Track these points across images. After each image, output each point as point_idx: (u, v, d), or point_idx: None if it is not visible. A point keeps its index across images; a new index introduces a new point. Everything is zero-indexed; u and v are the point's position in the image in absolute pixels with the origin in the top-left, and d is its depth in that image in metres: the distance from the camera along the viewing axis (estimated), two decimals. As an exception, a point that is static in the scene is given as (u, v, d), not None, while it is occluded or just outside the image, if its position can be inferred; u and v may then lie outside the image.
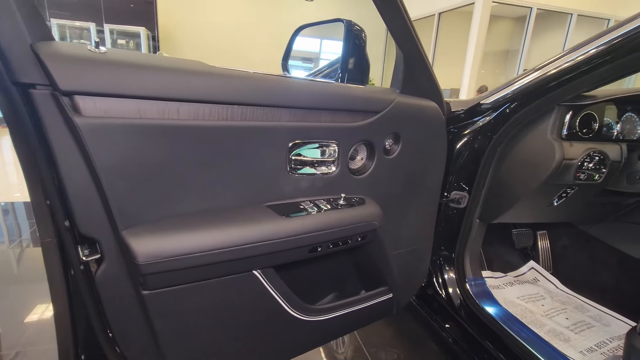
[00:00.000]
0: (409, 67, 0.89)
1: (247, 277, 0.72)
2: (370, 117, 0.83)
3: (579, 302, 1.40)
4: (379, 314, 1.09)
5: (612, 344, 1.16)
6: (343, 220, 0.80)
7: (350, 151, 0.84)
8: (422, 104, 0.92)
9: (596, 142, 1.09)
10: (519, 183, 1.16)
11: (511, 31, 7.62)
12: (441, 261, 1.33)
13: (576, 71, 0.91)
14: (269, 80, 0.70)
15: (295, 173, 0.78)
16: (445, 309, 1.30)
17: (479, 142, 1.15)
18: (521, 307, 1.33)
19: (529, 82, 1.02)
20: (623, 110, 1.16)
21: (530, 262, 1.60)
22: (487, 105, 1.12)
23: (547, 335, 1.18)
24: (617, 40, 0.81)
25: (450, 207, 1.24)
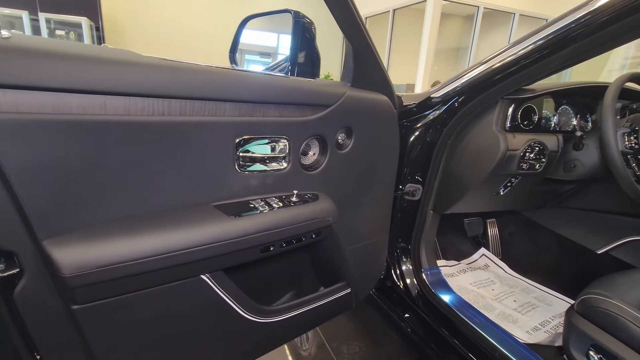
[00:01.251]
0: (358, 60, 0.88)
1: (195, 282, 0.67)
2: (321, 111, 0.81)
3: (525, 285, 1.49)
4: (338, 309, 1.08)
5: (554, 322, 1.24)
6: (296, 218, 0.77)
7: (302, 146, 0.82)
8: (373, 98, 0.92)
9: (536, 134, 1.15)
10: (468, 174, 1.20)
11: (461, 29, 7.97)
12: (398, 253, 1.35)
13: (517, 65, 0.95)
14: (211, 73, 0.66)
15: (245, 170, 0.75)
16: (404, 300, 1.32)
17: (431, 135, 1.17)
18: (474, 292, 1.39)
19: (474, 76, 1.05)
20: (559, 103, 1.24)
21: (481, 250, 1.68)
22: (437, 99, 1.14)
23: (497, 318, 1.24)
24: (552, 35, 0.85)
25: (405, 200, 1.26)
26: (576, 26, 0.80)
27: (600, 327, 0.89)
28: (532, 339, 1.14)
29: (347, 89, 0.86)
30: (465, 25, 7.77)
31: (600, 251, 1.38)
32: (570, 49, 0.84)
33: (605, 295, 0.91)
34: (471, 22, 7.07)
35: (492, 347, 1.02)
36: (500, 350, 1.00)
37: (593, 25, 0.77)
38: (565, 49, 0.84)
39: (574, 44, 0.82)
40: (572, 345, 0.95)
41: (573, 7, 0.81)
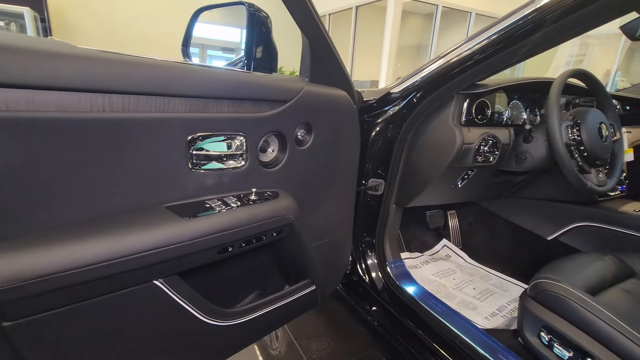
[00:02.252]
0: (316, 55, 0.87)
1: (146, 289, 0.64)
2: (278, 106, 0.79)
3: (483, 273, 1.56)
4: (304, 307, 1.07)
5: (510, 307, 1.30)
6: (255, 217, 0.75)
7: (260, 143, 0.80)
8: (332, 93, 0.91)
9: (489, 127, 1.20)
10: (428, 168, 1.23)
11: (422, 27, 8.18)
12: (363, 247, 1.36)
13: (470, 61, 0.98)
14: (158, 66, 0.62)
15: (199, 169, 0.71)
16: (370, 294, 1.34)
17: (391, 130, 1.19)
18: (436, 283, 1.43)
19: (431, 72, 1.07)
20: (510, 98, 1.29)
21: (443, 241, 1.74)
22: (396, 95, 1.16)
23: (458, 306, 1.29)
24: (502, 32, 0.89)
25: (368, 195, 1.27)
26: (524, 23, 0.84)
27: (550, 310, 0.94)
28: (490, 324, 1.19)
29: (305, 84, 0.84)
30: (425, 23, 7.99)
31: (550, 237, 1.46)
32: (519, 45, 0.88)
33: (554, 280, 0.96)
34: (431, 20, 7.28)
35: (453, 335, 1.06)
36: (460, 337, 1.04)
37: (539, 22, 0.82)
38: (515, 44, 0.88)
39: (522, 40, 0.86)
40: (526, 328, 1.00)
41: (520, 5, 0.84)
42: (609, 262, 1.09)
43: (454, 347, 1.04)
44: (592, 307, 0.87)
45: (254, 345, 1.40)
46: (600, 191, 1.17)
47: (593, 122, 1.13)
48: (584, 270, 1.03)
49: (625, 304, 0.93)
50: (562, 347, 0.91)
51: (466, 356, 1.00)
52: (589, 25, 0.80)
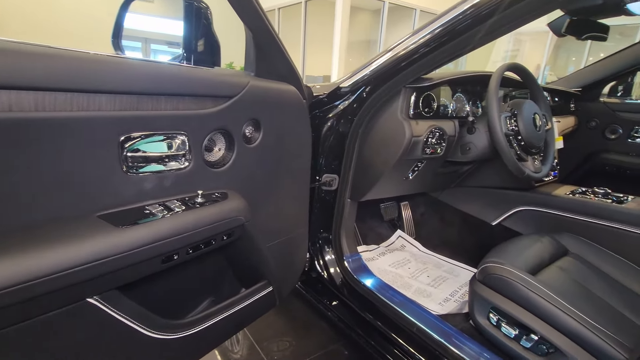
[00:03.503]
0: (260, 48, 0.83)
1: (79, 309, 0.57)
2: (223, 102, 0.75)
3: (436, 260, 1.62)
4: (262, 309, 1.04)
5: (462, 291, 1.37)
6: (202, 221, 0.71)
7: (205, 142, 0.75)
8: (280, 88, 0.88)
9: (436, 120, 1.24)
10: (380, 161, 1.24)
11: (371, 22, 8.35)
12: (320, 243, 1.35)
13: (416, 55, 1.00)
14: (78, 59, 0.55)
15: (136, 173, 0.65)
16: (329, 289, 1.34)
17: (342, 125, 1.19)
18: (392, 273, 1.47)
19: (379, 66, 1.08)
20: (454, 91, 1.35)
21: (397, 231, 1.78)
22: (346, 89, 1.15)
23: (414, 295, 1.33)
24: (443, 27, 0.92)
25: (323, 190, 1.26)
26: (463, 18, 0.87)
27: (497, 292, 0.99)
28: (444, 309, 1.24)
29: (251, 78, 0.80)
30: (374, 19, 8.16)
31: (494, 223, 1.55)
32: (459, 39, 0.92)
33: (500, 263, 1.02)
34: (379, 16, 7.45)
35: (410, 323, 1.08)
36: (417, 325, 1.07)
37: (476, 18, 0.85)
38: (455, 39, 0.92)
39: (462, 34, 0.90)
40: (476, 311, 1.05)
41: (459, 1, 0.87)
42: (546, 242, 1.18)
43: (412, 335, 1.07)
44: (534, 286, 0.93)
45: (215, 351, 1.35)
46: (537, 177, 1.26)
47: (528, 113, 1.21)
48: (525, 252, 1.11)
49: (561, 281, 1.01)
50: (509, 326, 0.97)
51: (423, 343, 1.03)
52: (520, 22, 0.85)
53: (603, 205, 1.30)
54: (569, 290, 0.97)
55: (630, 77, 2.04)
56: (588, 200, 1.34)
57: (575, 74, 2.07)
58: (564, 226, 1.35)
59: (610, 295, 0.99)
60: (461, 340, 1.01)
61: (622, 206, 1.27)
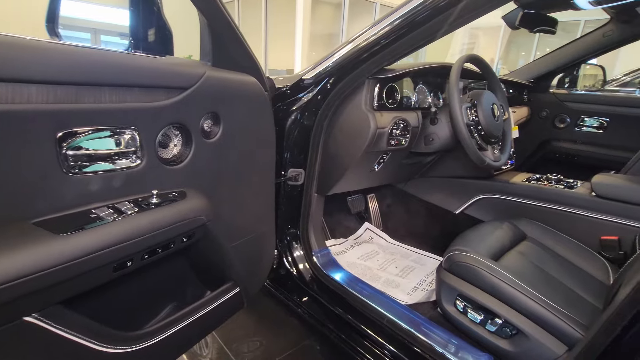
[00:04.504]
0: (216, 36, 0.78)
1: (16, 328, 0.51)
2: (176, 94, 0.69)
3: (404, 251, 1.65)
4: (229, 311, 1.00)
5: (429, 280, 1.39)
6: (158, 223, 0.65)
7: (158, 137, 0.69)
8: (240, 79, 0.83)
9: (399, 111, 1.24)
10: (345, 154, 1.23)
11: (332, 16, 8.34)
12: (288, 239, 1.33)
13: (377, 46, 0.99)
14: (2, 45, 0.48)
15: (79, 173, 0.59)
16: (299, 286, 1.31)
17: (307, 118, 1.16)
18: (361, 266, 1.47)
19: (342, 57, 1.06)
20: (416, 83, 1.36)
21: (365, 224, 1.79)
22: (309, 81, 1.13)
23: (382, 286, 1.34)
24: (404, 17, 0.92)
25: (289, 185, 1.23)
26: (422, 9, 0.88)
27: (463, 279, 1.02)
28: (412, 298, 1.25)
29: (207, 68, 0.75)
30: (336, 12, 8.16)
31: (457, 211, 1.60)
32: (419, 31, 0.92)
33: (464, 251, 1.04)
34: (340, 9, 7.45)
35: (380, 315, 1.09)
36: (387, 317, 1.07)
37: (434, 9, 0.86)
38: (415, 30, 0.92)
39: (421, 25, 0.91)
40: (443, 298, 1.08)
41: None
42: (506, 228, 1.23)
43: (382, 326, 1.07)
44: (497, 272, 0.95)
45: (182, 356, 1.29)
46: (496, 166, 1.30)
47: (487, 103, 1.24)
48: (487, 239, 1.14)
49: (521, 265, 1.05)
50: (475, 311, 0.99)
51: (393, 333, 1.04)
52: (477, 13, 0.87)
53: (556, 191, 1.37)
54: (528, 273, 1.01)
55: (575, 69, 2.17)
56: (542, 187, 1.41)
57: (527, 67, 2.17)
58: (521, 212, 1.42)
59: (565, 275, 1.05)
60: (430, 328, 1.03)
61: (573, 191, 1.35)
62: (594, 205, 1.28)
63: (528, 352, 0.89)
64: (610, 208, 1.24)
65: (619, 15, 1.66)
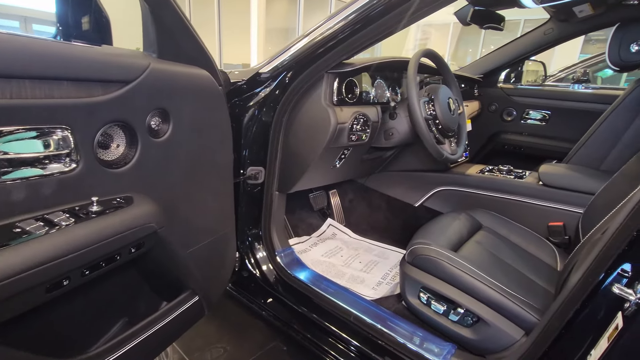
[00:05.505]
0: (160, 24, 0.71)
1: None
2: (116, 88, 0.62)
3: (367, 245, 1.65)
4: (189, 321, 0.94)
5: (392, 273, 1.41)
6: (100, 233, 0.58)
7: (97, 137, 0.62)
8: (190, 73, 0.77)
9: (359, 106, 1.23)
10: (306, 150, 1.20)
11: (287, 10, 8.23)
12: (250, 240, 1.28)
13: (334, 40, 0.97)
14: None
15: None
16: (263, 288, 1.27)
17: (265, 113, 1.11)
18: (326, 263, 1.45)
19: (299, 50, 1.02)
20: (374, 78, 1.35)
21: (328, 220, 1.78)
22: (266, 75, 1.08)
23: (348, 282, 1.33)
24: (359, 12, 0.91)
25: (249, 184, 1.18)
26: (377, 3, 0.87)
27: (426, 271, 1.03)
28: (377, 293, 1.26)
29: (152, 60, 0.68)
30: (291, 6, 8.06)
31: (417, 204, 1.63)
32: (374, 25, 0.92)
33: (425, 243, 1.05)
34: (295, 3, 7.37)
35: (347, 313, 1.08)
36: (354, 314, 1.06)
37: (388, 4, 0.86)
38: (370, 25, 0.92)
39: (376, 21, 0.90)
40: (407, 292, 1.09)
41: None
42: (463, 219, 1.27)
43: (348, 323, 1.06)
44: (457, 262, 0.98)
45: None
46: (453, 159, 1.34)
47: (444, 98, 1.27)
48: (446, 231, 1.17)
49: (479, 254, 1.09)
50: (437, 302, 1.01)
51: (360, 330, 1.04)
52: (430, 9, 0.88)
53: (507, 181, 1.44)
54: (486, 262, 1.05)
55: (519, 65, 2.30)
56: (495, 178, 1.47)
57: (477, 62, 2.26)
58: (477, 202, 1.47)
59: (519, 262, 1.10)
60: (395, 322, 1.03)
61: (522, 181, 1.43)
62: (541, 194, 1.36)
63: (489, 339, 0.92)
64: (555, 196, 1.33)
65: (557, 14, 1.77)
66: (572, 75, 3.41)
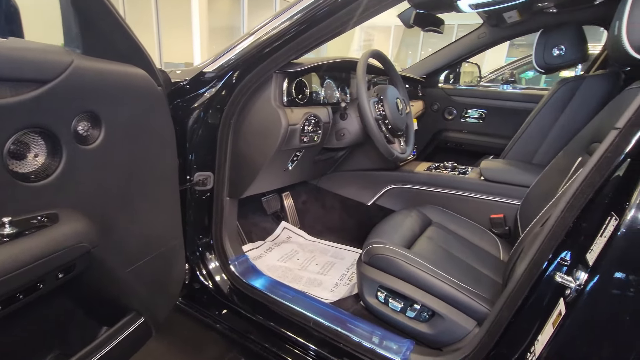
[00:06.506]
0: (83, 16, 0.63)
1: None
2: (31, 89, 0.53)
3: (322, 247, 1.64)
4: (135, 344, 0.85)
5: (349, 273, 1.41)
6: (15, 261, 0.50)
7: (8, 146, 0.53)
8: (124, 71, 0.69)
9: (310, 107, 1.21)
10: (257, 154, 1.15)
11: (231, 8, 8.00)
12: (201, 250, 1.20)
13: (283, 39, 0.94)
14: None
15: None
16: (217, 299, 1.20)
17: (211, 115, 1.05)
18: (282, 268, 1.42)
19: (246, 49, 0.98)
20: (324, 78, 1.34)
21: (282, 223, 1.74)
22: (211, 75, 1.02)
23: (305, 286, 1.31)
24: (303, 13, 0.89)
25: (197, 191, 1.11)
26: (323, 3, 0.86)
27: (382, 270, 1.04)
28: (336, 295, 1.25)
29: (76, 57, 0.60)
30: (234, 4, 7.84)
31: (370, 203, 1.66)
32: (321, 26, 0.91)
33: (381, 242, 1.06)
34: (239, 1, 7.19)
35: (305, 318, 1.05)
36: (313, 319, 1.04)
37: (332, 6, 0.85)
38: (317, 25, 0.90)
39: (324, 20, 0.89)
40: (365, 292, 1.09)
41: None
42: (414, 216, 1.30)
43: (308, 329, 1.04)
44: (412, 260, 1.00)
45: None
46: (403, 158, 1.37)
47: (392, 98, 1.29)
48: (399, 229, 1.19)
49: (431, 250, 1.12)
50: (395, 300, 1.02)
51: (320, 335, 1.02)
52: (374, 11, 0.89)
53: (452, 178, 1.51)
54: (438, 257, 1.08)
55: (457, 67, 2.44)
56: (441, 174, 1.54)
57: (419, 64, 2.36)
58: (426, 199, 1.53)
59: (467, 255, 1.15)
60: (354, 323, 1.03)
61: (465, 177, 1.50)
62: (483, 188, 1.44)
63: (444, 332, 0.95)
64: (496, 189, 1.41)
65: (489, 19, 1.90)
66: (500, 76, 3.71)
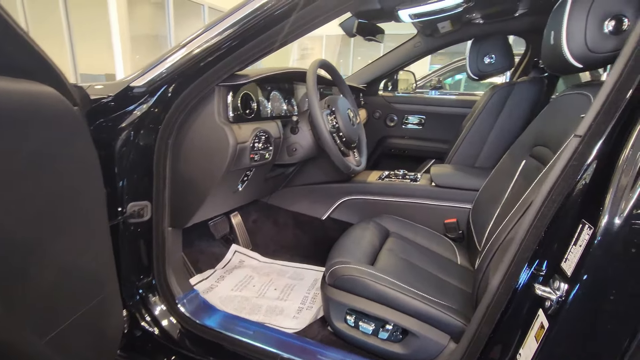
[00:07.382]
0: None
1: None
2: None
3: (278, 267, 1.54)
4: None
5: (311, 294, 1.33)
6: None
7: None
8: (24, 90, 0.54)
9: (259, 122, 1.12)
10: (203, 177, 1.03)
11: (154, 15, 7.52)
12: (142, 293, 1.03)
13: (222, 50, 0.85)
14: None
15: None
16: (164, 346, 1.04)
17: (144, 136, 0.91)
18: (237, 298, 1.29)
19: (182, 60, 0.86)
20: (269, 90, 1.26)
21: (232, 246, 1.60)
22: (141, 89, 0.88)
23: (265, 316, 1.19)
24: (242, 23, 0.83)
25: (131, 224, 0.95)
26: (261, 13, 0.82)
27: (350, 292, 0.98)
28: (300, 322, 1.16)
29: None
30: (159, 12, 7.39)
31: (324, 217, 1.60)
32: (266, 35, 0.84)
33: (345, 262, 1.00)
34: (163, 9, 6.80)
35: (270, 356, 0.95)
36: (279, 355, 0.94)
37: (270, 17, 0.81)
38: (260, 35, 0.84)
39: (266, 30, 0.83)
40: (333, 316, 1.02)
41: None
42: (372, 229, 1.27)
43: None
44: (380, 278, 0.95)
45: None
46: (359, 170, 1.33)
47: (344, 109, 1.25)
48: (360, 244, 1.14)
49: (394, 264, 1.09)
50: (365, 322, 0.97)
51: None
52: (318, 22, 0.84)
53: (405, 185, 1.51)
54: (402, 271, 1.05)
55: (395, 75, 2.51)
56: (393, 183, 1.53)
57: (360, 72, 2.38)
58: (381, 208, 1.51)
59: (428, 264, 1.14)
60: (324, 353, 0.95)
61: (417, 184, 1.52)
62: (435, 194, 1.46)
63: (419, 350, 0.91)
64: (447, 195, 1.44)
65: (424, 29, 1.98)
66: (429, 83, 3.94)
